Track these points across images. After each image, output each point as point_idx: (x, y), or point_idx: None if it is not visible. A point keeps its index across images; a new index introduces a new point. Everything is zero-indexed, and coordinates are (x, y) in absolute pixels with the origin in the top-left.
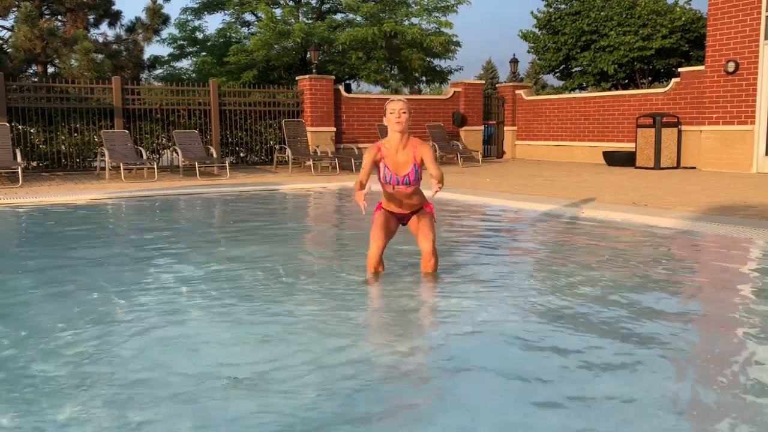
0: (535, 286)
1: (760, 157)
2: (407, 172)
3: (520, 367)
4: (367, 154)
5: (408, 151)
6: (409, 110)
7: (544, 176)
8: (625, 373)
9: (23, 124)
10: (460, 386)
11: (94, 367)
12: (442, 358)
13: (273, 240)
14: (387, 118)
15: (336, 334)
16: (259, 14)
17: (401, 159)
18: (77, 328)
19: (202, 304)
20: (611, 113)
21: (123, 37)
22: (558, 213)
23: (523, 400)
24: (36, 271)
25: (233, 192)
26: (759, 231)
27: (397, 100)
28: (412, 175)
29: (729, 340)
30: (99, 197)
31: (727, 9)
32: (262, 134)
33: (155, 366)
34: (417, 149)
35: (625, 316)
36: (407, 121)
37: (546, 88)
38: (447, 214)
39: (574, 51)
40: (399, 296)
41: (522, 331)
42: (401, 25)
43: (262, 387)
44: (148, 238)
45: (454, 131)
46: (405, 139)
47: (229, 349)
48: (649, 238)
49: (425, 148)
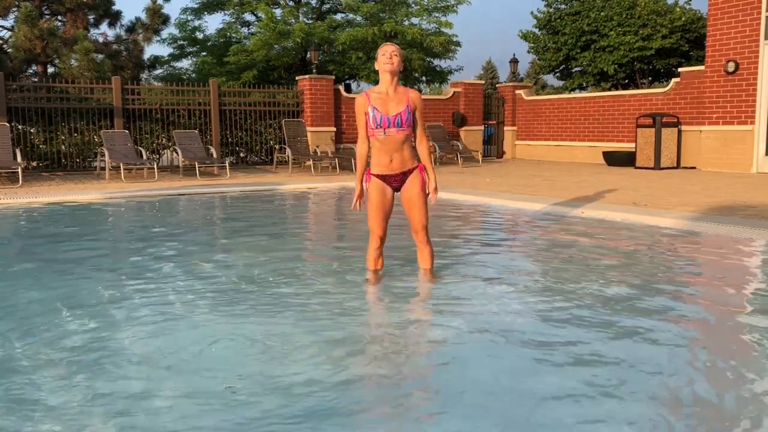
0: (535, 286)
1: (760, 157)
2: (399, 112)
3: (521, 367)
4: (356, 107)
5: (400, 95)
6: (401, 56)
7: (544, 176)
8: (625, 373)
9: (23, 124)
10: (460, 386)
11: (93, 366)
12: (442, 358)
13: (273, 240)
14: (378, 60)
15: (335, 334)
16: (259, 14)
17: (392, 101)
18: (77, 327)
19: (202, 303)
20: (611, 113)
21: (123, 37)
22: (558, 213)
23: (523, 400)
24: (36, 270)
25: (233, 192)
26: (759, 231)
27: (389, 44)
28: (404, 115)
29: (729, 340)
30: (99, 197)
31: (727, 9)
32: (262, 134)
33: (153, 367)
34: (410, 95)
35: (625, 316)
36: (399, 65)
37: (546, 88)
38: (447, 214)
39: (574, 51)
40: (399, 296)
41: (522, 331)
42: (401, 25)
43: (259, 384)
44: (147, 237)
45: (454, 131)
46: (395, 82)
47: (227, 349)
48: (649, 238)
49: (418, 97)
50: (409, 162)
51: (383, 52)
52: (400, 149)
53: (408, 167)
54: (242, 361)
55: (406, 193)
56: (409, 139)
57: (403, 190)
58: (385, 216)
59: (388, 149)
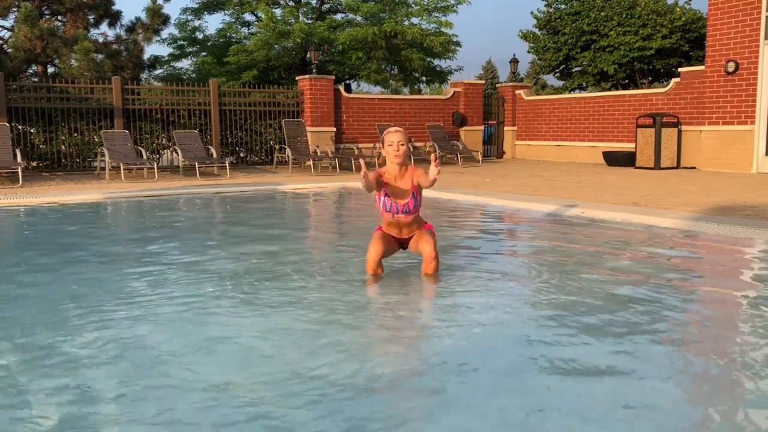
0: (536, 286)
1: (760, 157)
2: (407, 201)
3: (521, 368)
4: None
5: (407, 181)
6: (407, 140)
7: (544, 176)
8: (625, 374)
9: (23, 124)
10: (459, 386)
11: (93, 364)
12: (442, 358)
13: (272, 240)
14: (385, 149)
15: (335, 334)
16: (259, 14)
17: (401, 188)
18: (76, 327)
19: (201, 302)
20: (611, 113)
21: (123, 37)
22: (558, 213)
23: (523, 400)
24: (35, 270)
25: (233, 192)
26: (759, 231)
27: (395, 132)
28: (411, 204)
29: (728, 339)
30: (99, 197)
31: (727, 9)
32: (262, 134)
33: (153, 366)
34: (414, 177)
35: (625, 316)
36: (406, 153)
37: (546, 88)
38: (447, 214)
39: (574, 51)
40: (399, 296)
41: (522, 332)
42: (401, 25)
43: (257, 389)
44: (147, 237)
45: (454, 131)
46: (403, 170)
47: (226, 348)
48: (649, 238)
49: (419, 170)
50: (416, 228)
51: (389, 141)
52: (409, 226)
53: (416, 231)
54: (242, 360)
55: (413, 243)
56: (418, 217)
57: (411, 242)
58: (387, 250)
59: (398, 225)
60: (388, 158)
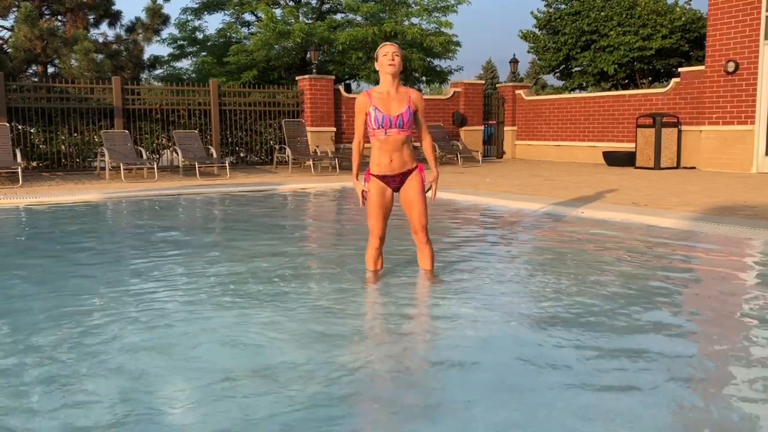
0: (536, 286)
1: (760, 157)
2: (401, 112)
3: (520, 368)
4: (357, 106)
5: (401, 96)
6: (402, 55)
7: (544, 176)
8: (625, 374)
9: (23, 124)
10: (459, 386)
11: (93, 364)
12: (441, 358)
13: (272, 239)
14: (379, 61)
15: (334, 334)
16: (259, 14)
17: (394, 102)
18: (77, 327)
19: (201, 302)
20: (611, 113)
21: (123, 37)
22: (558, 213)
23: (523, 400)
24: (35, 270)
25: (233, 192)
26: (759, 231)
27: (389, 44)
28: (405, 116)
29: (728, 339)
30: (99, 197)
31: (727, 9)
32: (262, 134)
33: (152, 364)
34: (411, 96)
35: (625, 315)
36: (400, 65)
37: (546, 88)
38: (447, 214)
39: (574, 51)
40: (398, 296)
41: (522, 332)
42: (401, 25)
43: (256, 386)
44: (146, 237)
45: (454, 131)
46: (397, 83)
47: (225, 348)
48: (649, 238)
49: (419, 97)
50: (408, 162)
51: (384, 52)
52: (400, 150)
53: (408, 168)
54: (241, 359)
55: (405, 193)
56: (410, 140)
57: (403, 190)
58: (385, 216)
59: (389, 149)
60: (381, 70)
